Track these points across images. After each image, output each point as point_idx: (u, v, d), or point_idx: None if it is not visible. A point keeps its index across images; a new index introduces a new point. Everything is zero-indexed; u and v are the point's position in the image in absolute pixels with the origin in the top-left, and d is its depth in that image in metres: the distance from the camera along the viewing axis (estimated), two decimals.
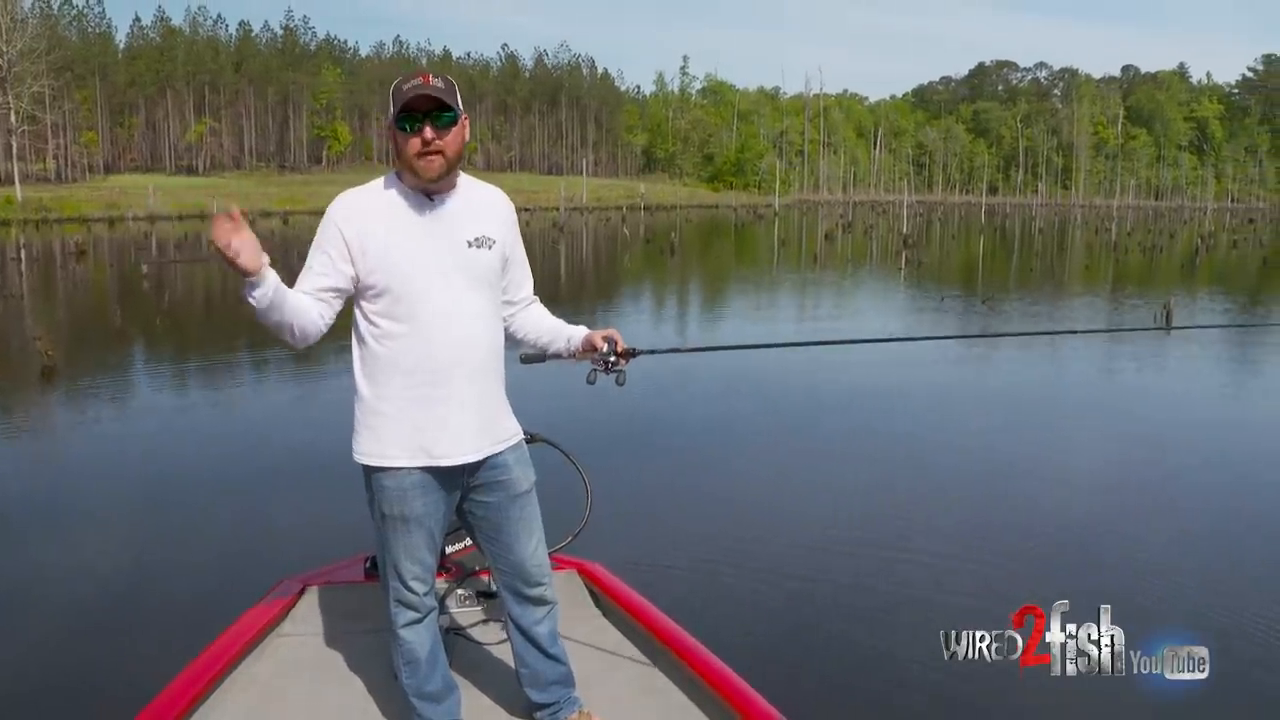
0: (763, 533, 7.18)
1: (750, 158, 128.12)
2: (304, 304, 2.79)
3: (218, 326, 19.59)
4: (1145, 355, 15.29)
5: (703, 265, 36.04)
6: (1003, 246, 49.80)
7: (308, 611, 3.85)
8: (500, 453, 2.98)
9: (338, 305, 2.89)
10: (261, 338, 17.12)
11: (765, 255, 41.93)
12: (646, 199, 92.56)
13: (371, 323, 2.85)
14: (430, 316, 2.79)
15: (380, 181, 2.90)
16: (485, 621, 3.85)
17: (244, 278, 2.61)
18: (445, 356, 2.82)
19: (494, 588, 3.26)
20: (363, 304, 2.86)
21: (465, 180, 2.95)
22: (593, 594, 3.99)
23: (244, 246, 2.56)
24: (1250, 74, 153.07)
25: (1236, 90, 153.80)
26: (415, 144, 2.74)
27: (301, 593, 3.89)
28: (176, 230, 51.01)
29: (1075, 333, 18.45)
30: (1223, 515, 7.74)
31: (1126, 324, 19.61)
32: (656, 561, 6.40)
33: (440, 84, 2.73)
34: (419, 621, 3.02)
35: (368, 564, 3.89)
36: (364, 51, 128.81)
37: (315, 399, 12.13)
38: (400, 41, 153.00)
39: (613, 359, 3.11)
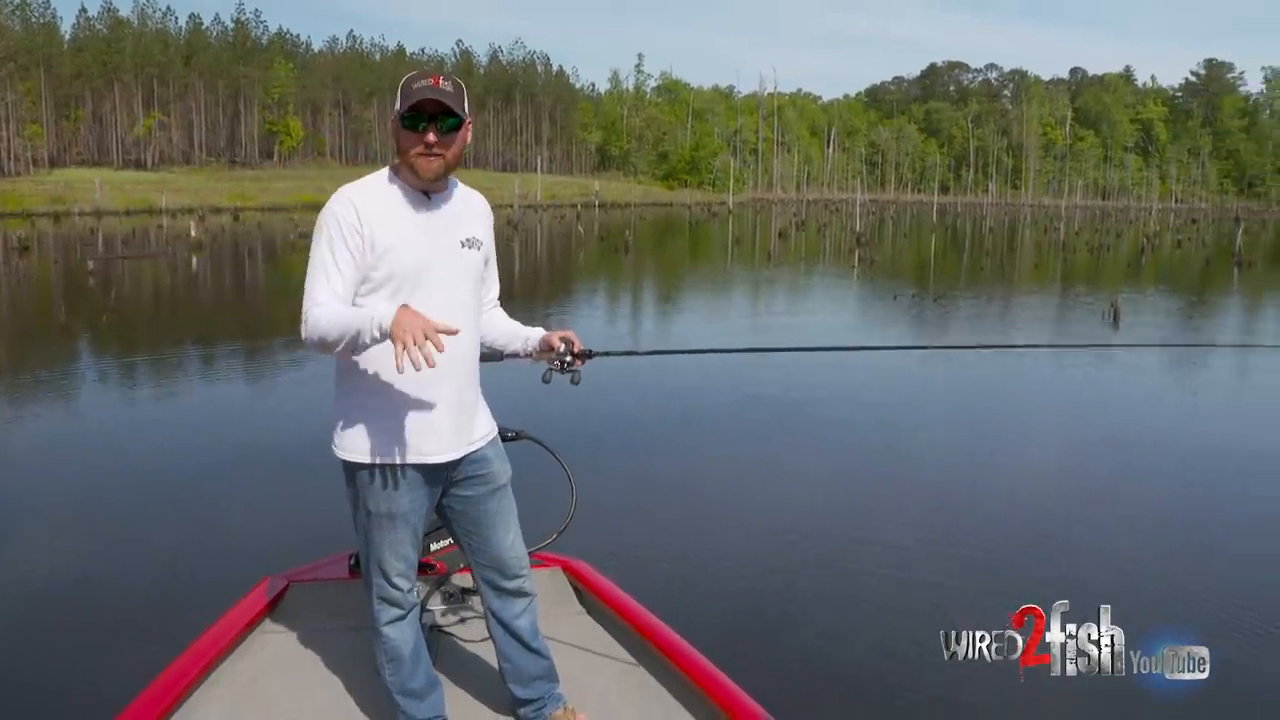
0: (752, 530, 7.17)
1: (704, 156, 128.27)
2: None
3: (167, 322, 19.36)
4: (1110, 355, 15.48)
5: (657, 263, 36.06)
6: (954, 245, 50.28)
7: (291, 609, 3.82)
8: (481, 447, 3.02)
9: None
10: (211, 333, 16.94)
11: (719, 253, 42.05)
12: (601, 197, 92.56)
13: None
14: (427, 313, 2.73)
15: (378, 177, 2.89)
16: (468, 619, 3.83)
17: (380, 334, 2.61)
18: (438, 354, 2.79)
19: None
20: (359, 300, 2.82)
21: (453, 182, 2.98)
22: (577, 591, 3.99)
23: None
24: (1193, 78, 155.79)
25: (1180, 94, 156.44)
26: (418, 144, 2.76)
27: (285, 590, 3.86)
28: (124, 225, 50.24)
29: (1036, 347, 18.65)
30: (1222, 515, 7.76)
31: (1075, 321, 19.87)
32: (642, 558, 6.38)
33: (449, 87, 2.76)
34: (402, 618, 3.03)
35: (352, 561, 3.85)
36: (317, 46, 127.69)
37: (279, 393, 12.07)
38: (354, 36, 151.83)
39: (569, 359, 3.15)
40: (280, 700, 3.32)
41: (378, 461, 2.86)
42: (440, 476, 2.96)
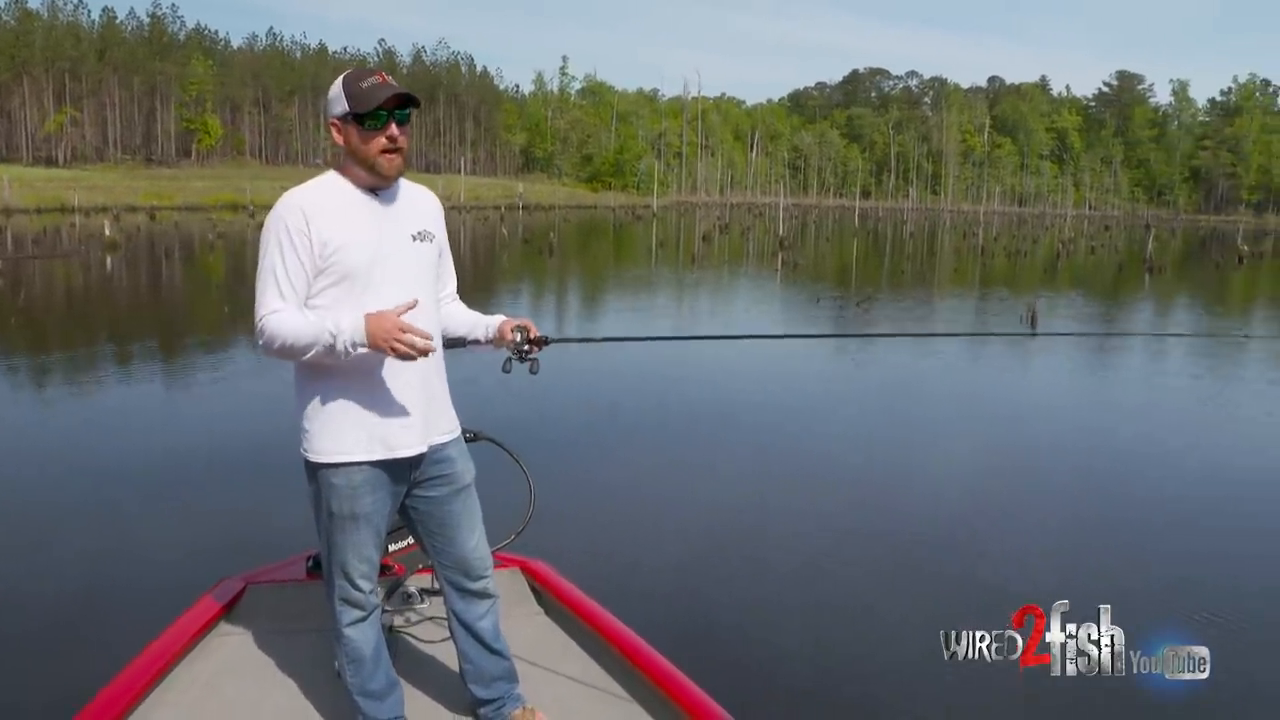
0: (721, 529, 7.14)
1: (629, 159, 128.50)
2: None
3: (80, 324, 18.81)
4: (1030, 353, 15.74)
5: (581, 266, 36.02)
6: (875, 249, 50.88)
7: (249, 611, 3.80)
8: (445, 445, 3.03)
9: None
10: (127, 334, 16.52)
11: (644, 256, 42.08)
12: (525, 199, 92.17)
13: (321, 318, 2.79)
14: (381, 309, 2.76)
15: (322, 179, 2.90)
16: (429, 620, 3.83)
17: (354, 348, 2.70)
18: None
19: (437, 586, 3.29)
20: (313, 299, 2.81)
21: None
22: (536, 591, 4.00)
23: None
24: (1105, 88, 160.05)
25: (1093, 103, 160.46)
26: (381, 142, 2.78)
27: (242, 592, 3.83)
28: (35, 224, 48.78)
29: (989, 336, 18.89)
30: (1224, 514, 7.79)
31: (994, 325, 20.23)
32: (602, 558, 6.34)
33: (394, 81, 2.78)
34: (364, 620, 3.03)
35: (309, 562, 3.84)
36: (236, 43, 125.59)
37: (208, 394, 11.83)
38: (274, 34, 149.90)
39: (526, 347, 3.15)
40: (237, 703, 3.29)
41: (341, 461, 2.86)
42: (404, 474, 2.96)
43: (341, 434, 2.84)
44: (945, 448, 9.83)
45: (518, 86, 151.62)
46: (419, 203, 3.03)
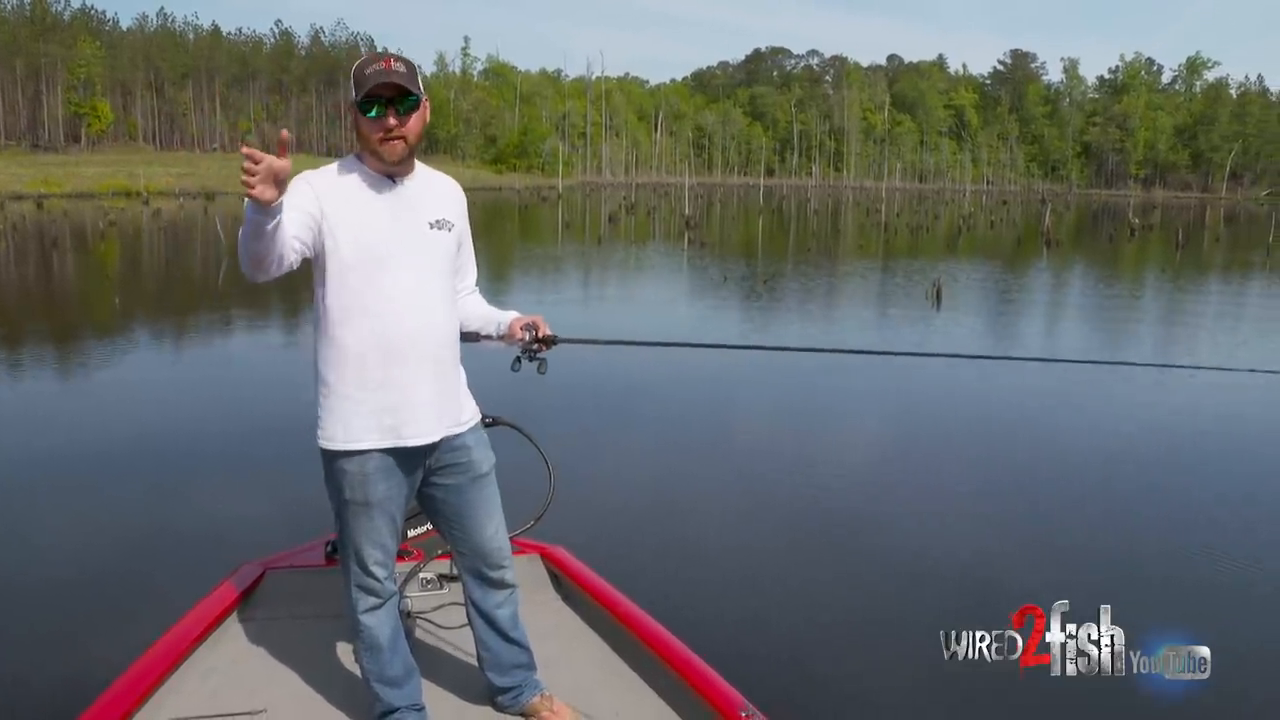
0: (739, 517, 7.10)
1: (533, 140, 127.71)
2: (284, 236, 2.66)
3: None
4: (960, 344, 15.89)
5: (488, 247, 35.68)
6: (781, 227, 51.30)
7: (268, 596, 3.83)
8: (461, 434, 3.02)
9: (301, 253, 2.77)
10: (22, 326, 15.94)
11: (550, 237, 41.87)
12: None
13: (334, 302, 2.84)
14: (392, 294, 2.82)
15: (340, 164, 2.93)
16: (447, 605, 3.83)
17: (261, 206, 2.49)
18: (407, 335, 2.85)
19: (456, 571, 3.30)
20: (325, 284, 2.84)
21: (420, 165, 3.02)
22: (555, 578, 4.03)
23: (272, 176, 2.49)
24: (1000, 67, 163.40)
25: (989, 81, 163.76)
26: (378, 130, 2.79)
27: (261, 577, 3.86)
28: None
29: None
30: (1226, 513, 7.58)
31: (900, 301, 20.52)
32: (621, 544, 6.28)
33: (402, 68, 2.80)
34: (380, 607, 3.04)
35: (328, 548, 3.85)
36: (125, 24, 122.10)
37: (215, 374, 11.79)
38: (165, 14, 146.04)
39: (535, 347, 3.12)
40: (256, 688, 3.30)
41: (352, 448, 2.85)
42: (418, 462, 2.95)
43: (349, 421, 2.85)
44: (944, 446, 9.45)
45: (419, 68, 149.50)
46: (440, 191, 3.04)
